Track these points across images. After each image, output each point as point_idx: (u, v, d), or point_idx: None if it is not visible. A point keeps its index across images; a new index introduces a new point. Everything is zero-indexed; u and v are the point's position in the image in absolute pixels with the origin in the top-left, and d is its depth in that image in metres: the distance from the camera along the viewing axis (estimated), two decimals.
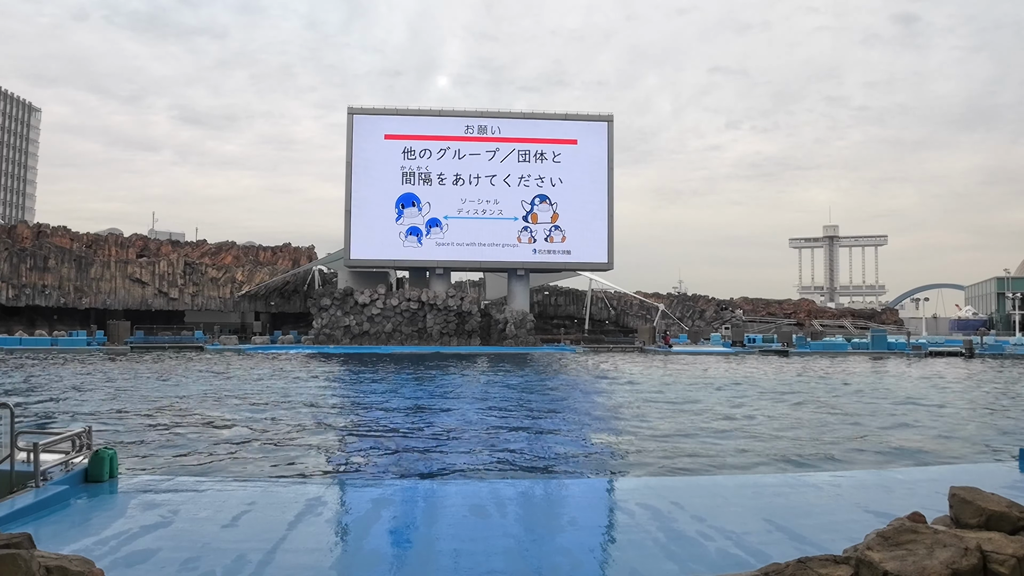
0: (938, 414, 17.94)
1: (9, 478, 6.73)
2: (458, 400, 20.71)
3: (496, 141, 55.77)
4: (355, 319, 52.95)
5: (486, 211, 55.32)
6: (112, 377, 26.40)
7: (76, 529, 6.12)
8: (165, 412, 16.93)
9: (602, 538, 6.34)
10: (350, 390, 24.11)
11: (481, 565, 5.30)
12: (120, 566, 5.11)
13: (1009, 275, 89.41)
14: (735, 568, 5.02)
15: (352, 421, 16.65)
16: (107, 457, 7.67)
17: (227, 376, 27.45)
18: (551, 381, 27.40)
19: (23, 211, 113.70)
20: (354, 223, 54.13)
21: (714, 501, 7.31)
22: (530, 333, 54.58)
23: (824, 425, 15.80)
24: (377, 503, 7.26)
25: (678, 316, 66.39)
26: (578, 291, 66.73)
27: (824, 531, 6.11)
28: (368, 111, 55.39)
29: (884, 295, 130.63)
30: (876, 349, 48.63)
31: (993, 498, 4.07)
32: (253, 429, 14.56)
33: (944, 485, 4.87)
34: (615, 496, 8.20)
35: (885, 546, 3.63)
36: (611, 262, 56.43)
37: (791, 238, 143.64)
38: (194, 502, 7.04)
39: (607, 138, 56.44)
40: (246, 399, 19.81)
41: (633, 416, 17.07)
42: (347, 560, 5.53)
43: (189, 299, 60.44)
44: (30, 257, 55.56)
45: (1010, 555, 3.50)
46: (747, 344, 51.81)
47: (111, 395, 20.44)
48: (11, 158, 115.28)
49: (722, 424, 15.73)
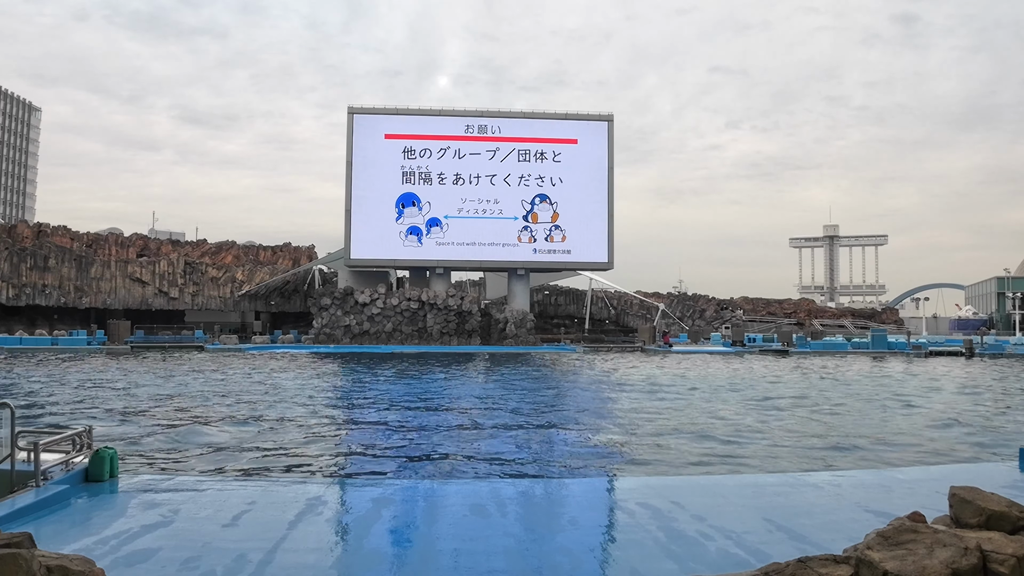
0: (938, 414, 17.94)
1: (9, 477, 6.73)
2: (458, 400, 20.72)
3: (496, 141, 55.74)
4: (355, 319, 52.96)
5: (486, 211, 55.30)
6: (113, 377, 26.40)
7: (77, 528, 6.13)
8: (165, 411, 16.94)
9: (602, 537, 6.35)
10: (350, 390, 24.11)
11: (481, 564, 5.31)
12: (121, 565, 5.11)
13: (1009, 275, 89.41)
14: (735, 568, 5.02)
15: (352, 421, 16.65)
16: (107, 456, 7.67)
17: (227, 376, 27.46)
18: (551, 380, 27.41)
19: (23, 211, 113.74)
20: (354, 223, 54.12)
21: (714, 500, 7.32)
22: (530, 333, 54.58)
23: (825, 426, 15.79)
24: (377, 503, 7.27)
25: (678, 316, 66.40)
26: (578, 291, 66.72)
27: (824, 531, 6.12)
28: (368, 111, 55.38)
29: (884, 295, 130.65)
30: (876, 349, 48.62)
31: (993, 498, 4.07)
32: (253, 429, 14.56)
33: (944, 485, 4.87)
34: (615, 495, 8.21)
35: (885, 546, 3.64)
36: (611, 262, 56.43)
37: (791, 237, 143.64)
38: (194, 501, 7.05)
39: (607, 138, 56.42)
40: (246, 399, 19.82)
41: (633, 416, 17.07)
42: (348, 560, 5.53)
43: (189, 299, 60.44)
44: (30, 257, 55.57)
45: (1010, 555, 3.50)
46: (747, 344, 51.80)
47: (112, 395, 20.45)
48: (11, 157, 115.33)
49: (712, 421, 15.73)
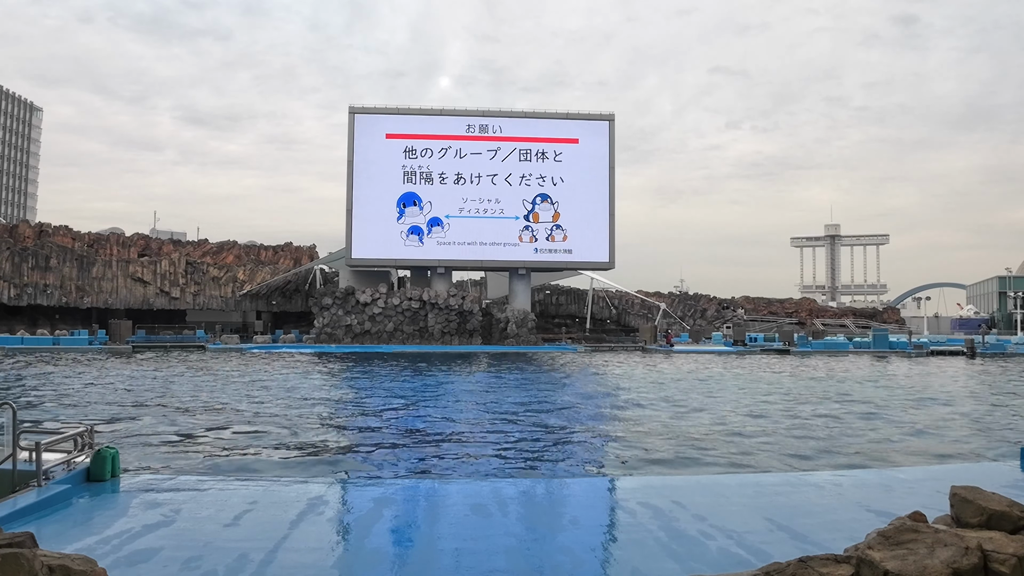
0: (939, 413, 17.93)
1: (11, 477, 6.73)
2: (459, 399, 20.72)
3: (497, 140, 55.70)
4: (356, 318, 52.96)
5: (487, 210, 55.26)
6: (114, 376, 26.42)
7: (78, 528, 6.13)
8: (167, 411, 16.95)
9: (603, 537, 6.35)
10: (351, 389, 24.11)
11: (483, 564, 5.31)
12: (122, 565, 5.12)
13: (1011, 274, 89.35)
14: (736, 567, 5.02)
15: (353, 420, 16.66)
16: (109, 456, 7.67)
17: (228, 375, 27.47)
18: (552, 380, 27.40)
19: (25, 210, 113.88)
20: (355, 222, 54.11)
21: (715, 500, 7.32)
22: (531, 332, 54.56)
23: (827, 426, 15.79)
24: (379, 502, 7.27)
25: (679, 315, 66.38)
26: (579, 290, 66.67)
27: (825, 530, 6.11)
28: (369, 110, 55.35)
29: (886, 294, 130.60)
30: (878, 348, 48.57)
31: (994, 497, 4.07)
32: (254, 428, 14.57)
33: (945, 484, 4.87)
34: (616, 495, 8.20)
35: (886, 545, 3.64)
36: (612, 261, 56.38)
37: (793, 237, 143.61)
38: (196, 501, 7.05)
39: (608, 137, 56.37)
40: (247, 398, 19.83)
41: (633, 415, 17.07)
42: (349, 559, 5.53)
43: (191, 298, 60.46)
44: (32, 256, 55.60)
45: (1011, 554, 3.50)
46: (748, 343, 51.77)
47: (113, 394, 20.46)
48: (13, 158, 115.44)
49: (713, 421, 15.73)
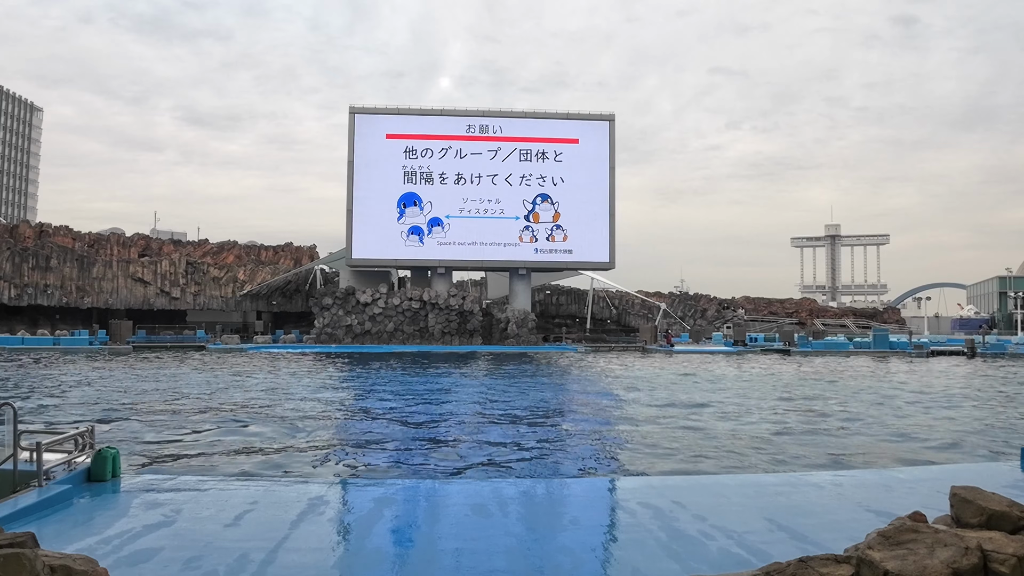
0: (939, 413, 17.93)
1: (12, 477, 6.74)
2: (460, 399, 20.72)
3: (497, 140, 55.70)
4: (357, 318, 52.97)
5: (488, 210, 55.26)
6: (114, 377, 26.43)
7: (79, 528, 6.13)
8: (167, 411, 16.96)
9: (604, 537, 6.35)
10: (351, 389, 24.12)
11: (483, 564, 5.31)
12: (123, 565, 5.12)
13: (1011, 274, 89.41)
14: (736, 567, 5.02)
15: (354, 420, 16.66)
16: (110, 456, 7.67)
17: (229, 375, 27.48)
18: (553, 380, 27.40)
19: (25, 211, 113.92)
20: (356, 222, 54.11)
21: (716, 500, 7.32)
22: (532, 332, 54.56)
23: (828, 427, 15.79)
24: (379, 502, 7.27)
25: (680, 315, 66.38)
26: (579, 290, 66.68)
27: (825, 530, 6.12)
28: (369, 110, 55.36)
29: (886, 294, 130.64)
30: (878, 348, 48.55)
31: (994, 497, 4.07)
32: (255, 428, 14.58)
33: (945, 484, 4.87)
34: (617, 495, 8.20)
35: (886, 545, 3.64)
36: (612, 261, 56.39)
37: (793, 237, 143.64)
38: (196, 501, 7.05)
39: (608, 137, 56.38)
40: (247, 398, 19.84)
41: (634, 415, 17.07)
42: (349, 559, 5.54)
43: (191, 298, 60.47)
44: (32, 257, 55.61)
45: (1011, 554, 3.50)
46: (749, 343, 51.77)
47: (114, 394, 20.47)
48: (14, 158, 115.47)
49: (713, 421, 15.73)
